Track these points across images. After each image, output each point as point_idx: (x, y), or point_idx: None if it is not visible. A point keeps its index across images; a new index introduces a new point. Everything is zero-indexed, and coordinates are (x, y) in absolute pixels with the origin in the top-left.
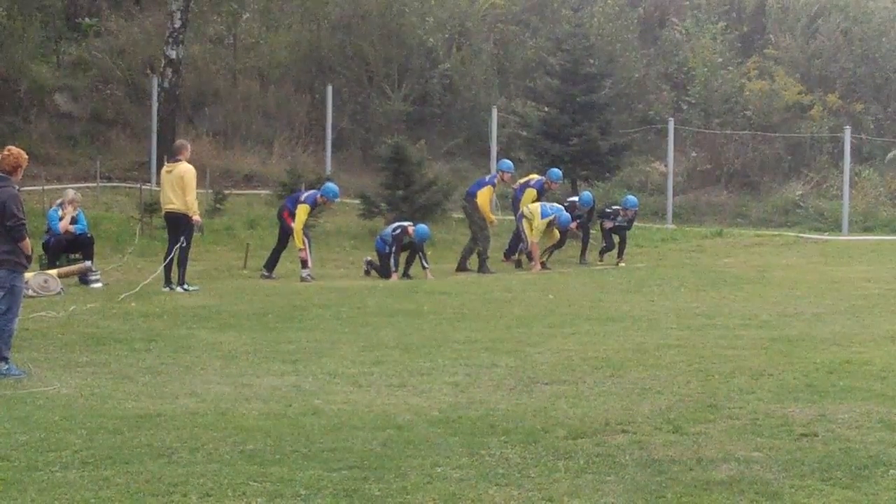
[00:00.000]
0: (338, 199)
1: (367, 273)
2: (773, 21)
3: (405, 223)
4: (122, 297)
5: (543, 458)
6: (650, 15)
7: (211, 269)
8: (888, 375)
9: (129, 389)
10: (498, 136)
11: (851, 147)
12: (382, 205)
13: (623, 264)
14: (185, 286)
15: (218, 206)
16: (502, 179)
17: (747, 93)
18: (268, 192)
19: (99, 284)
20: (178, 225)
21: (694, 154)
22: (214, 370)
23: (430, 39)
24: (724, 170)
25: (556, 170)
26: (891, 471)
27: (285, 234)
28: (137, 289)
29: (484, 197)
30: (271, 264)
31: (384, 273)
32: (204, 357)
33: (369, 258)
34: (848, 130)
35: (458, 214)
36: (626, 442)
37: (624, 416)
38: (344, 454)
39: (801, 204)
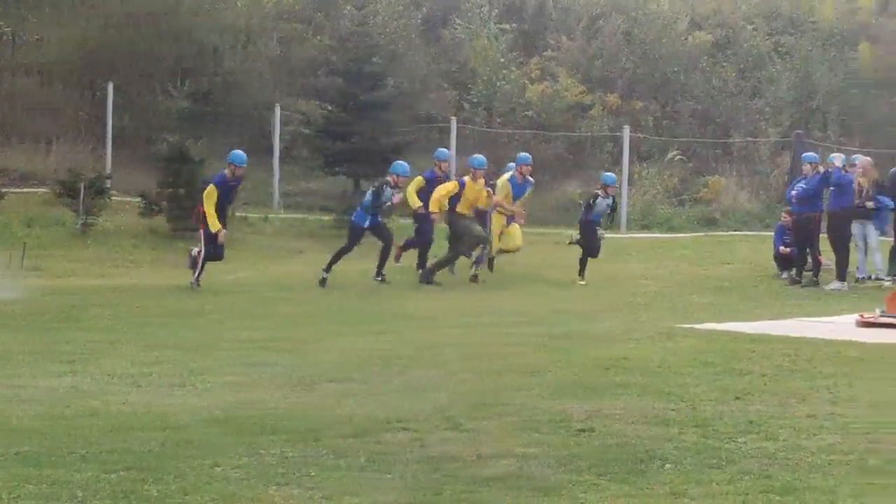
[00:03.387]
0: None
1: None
2: (555, 22)
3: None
4: None
5: (323, 457)
6: (433, 14)
7: None
8: (664, 371)
9: None
10: (281, 134)
11: (630, 146)
12: (163, 203)
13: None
14: None
15: None
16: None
17: (529, 93)
18: (45, 190)
19: None
20: None
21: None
22: None
23: (215, 38)
24: None
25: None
26: (666, 465)
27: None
28: None
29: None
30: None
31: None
32: None
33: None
34: (627, 129)
35: (240, 213)
36: (406, 439)
37: (404, 414)
38: (122, 455)
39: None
